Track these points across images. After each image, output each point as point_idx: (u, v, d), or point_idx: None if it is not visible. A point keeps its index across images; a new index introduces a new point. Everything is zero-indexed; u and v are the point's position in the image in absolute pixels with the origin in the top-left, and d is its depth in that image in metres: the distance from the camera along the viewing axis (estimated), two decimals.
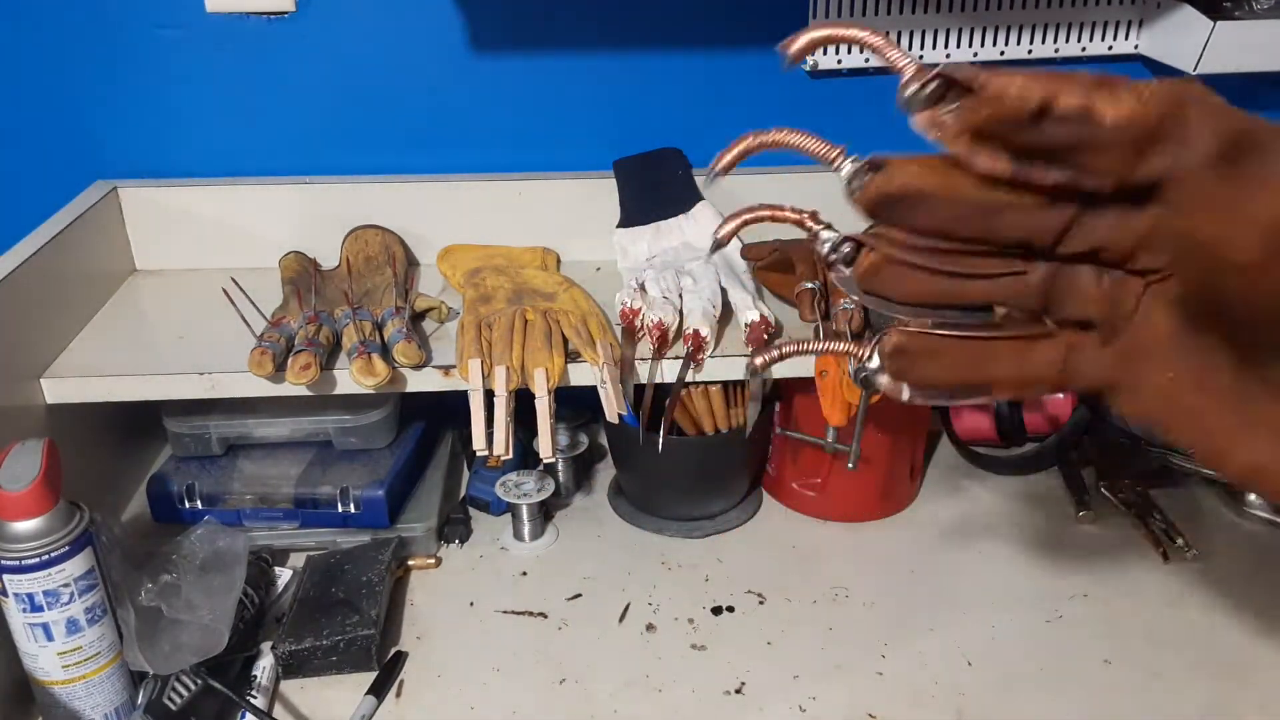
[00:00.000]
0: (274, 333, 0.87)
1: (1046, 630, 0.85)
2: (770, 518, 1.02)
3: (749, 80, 1.08)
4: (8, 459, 0.69)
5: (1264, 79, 1.08)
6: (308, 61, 1.04)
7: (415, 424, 1.02)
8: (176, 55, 1.03)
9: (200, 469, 0.95)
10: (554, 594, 0.91)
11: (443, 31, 1.04)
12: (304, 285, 0.97)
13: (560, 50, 1.06)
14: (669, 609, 0.89)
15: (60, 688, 0.72)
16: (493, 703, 0.79)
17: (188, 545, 0.82)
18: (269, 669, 0.80)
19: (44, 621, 0.70)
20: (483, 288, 0.96)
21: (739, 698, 0.79)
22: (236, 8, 1.01)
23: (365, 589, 0.86)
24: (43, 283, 0.88)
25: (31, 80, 1.03)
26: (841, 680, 0.81)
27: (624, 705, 0.79)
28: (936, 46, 1.07)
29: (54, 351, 0.88)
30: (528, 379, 0.84)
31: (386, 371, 0.83)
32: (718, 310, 0.89)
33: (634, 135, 1.08)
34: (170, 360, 0.87)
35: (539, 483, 0.98)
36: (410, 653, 0.84)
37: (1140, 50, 1.09)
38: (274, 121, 1.07)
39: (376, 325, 0.89)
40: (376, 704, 0.78)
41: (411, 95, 1.07)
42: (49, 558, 0.68)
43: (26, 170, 1.07)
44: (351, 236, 1.05)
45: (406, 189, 1.07)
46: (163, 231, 1.07)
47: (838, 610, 0.88)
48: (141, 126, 1.06)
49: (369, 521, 0.93)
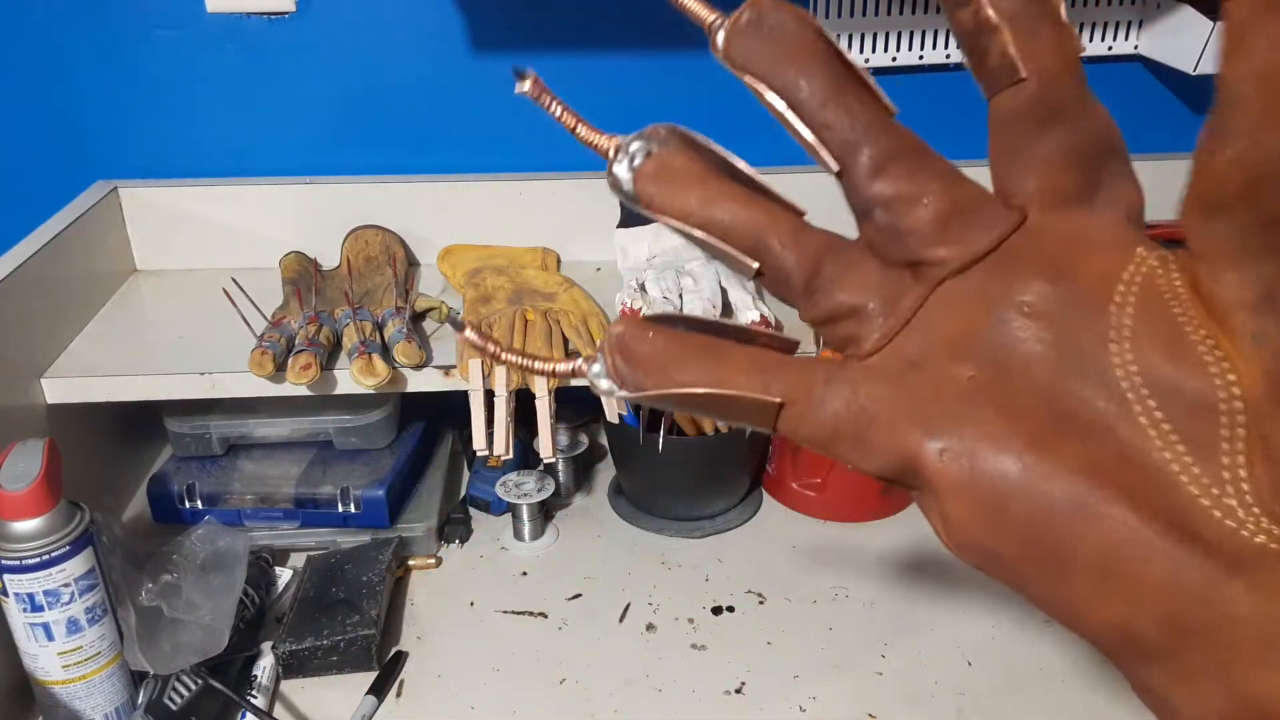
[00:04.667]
0: (274, 333, 0.87)
1: (1047, 630, 0.85)
2: (770, 518, 1.02)
3: None
4: (8, 459, 0.69)
5: None
6: (308, 61, 1.04)
7: (415, 424, 1.02)
8: (177, 55, 1.03)
9: (201, 469, 0.95)
10: (554, 594, 0.91)
11: (443, 31, 1.04)
12: (304, 285, 0.97)
13: (560, 50, 1.06)
14: (669, 609, 0.89)
15: (60, 688, 0.72)
16: (493, 703, 0.79)
17: (188, 545, 0.82)
18: (269, 669, 0.81)
19: (44, 621, 0.70)
20: (483, 288, 0.96)
21: (739, 698, 0.79)
22: (237, 8, 1.01)
23: (365, 589, 0.86)
24: (43, 283, 0.88)
25: (32, 80, 1.03)
26: (841, 680, 0.81)
27: (624, 705, 0.79)
28: (936, 47, 1.07)
29: (55, 352, 0.89)
30: (528, 379, 0.84)
31: (387, 371, 0.83)
32: (718, 310, 0.89)
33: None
34: (171, 360, 0.88)
35: (539, 483, 0.98)
36: (410, 653, 0.84)
37: (1140, 50, 1.09)
38: (274, 121, 1.07)
39: (377, 325, 0.90)
40: (377, 704, 0.78)
41: (411, 95, 1.07)
42: (49, 557, 0.68)
43: (26, 170, 1.07)
44: (352, 237, 1.05)
45: (406, 189, 1.07)
46: (163, 231, 1.07)
47: (838, 610, 0.88)
48: (142, 127, 1.06)
49: (369, 521, 0.93)
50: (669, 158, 0.24)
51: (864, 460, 0.22)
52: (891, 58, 1.07)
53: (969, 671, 0.81)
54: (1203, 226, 0.20)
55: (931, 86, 1.11)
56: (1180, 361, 0.20)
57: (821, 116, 0.23)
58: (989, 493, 0.20)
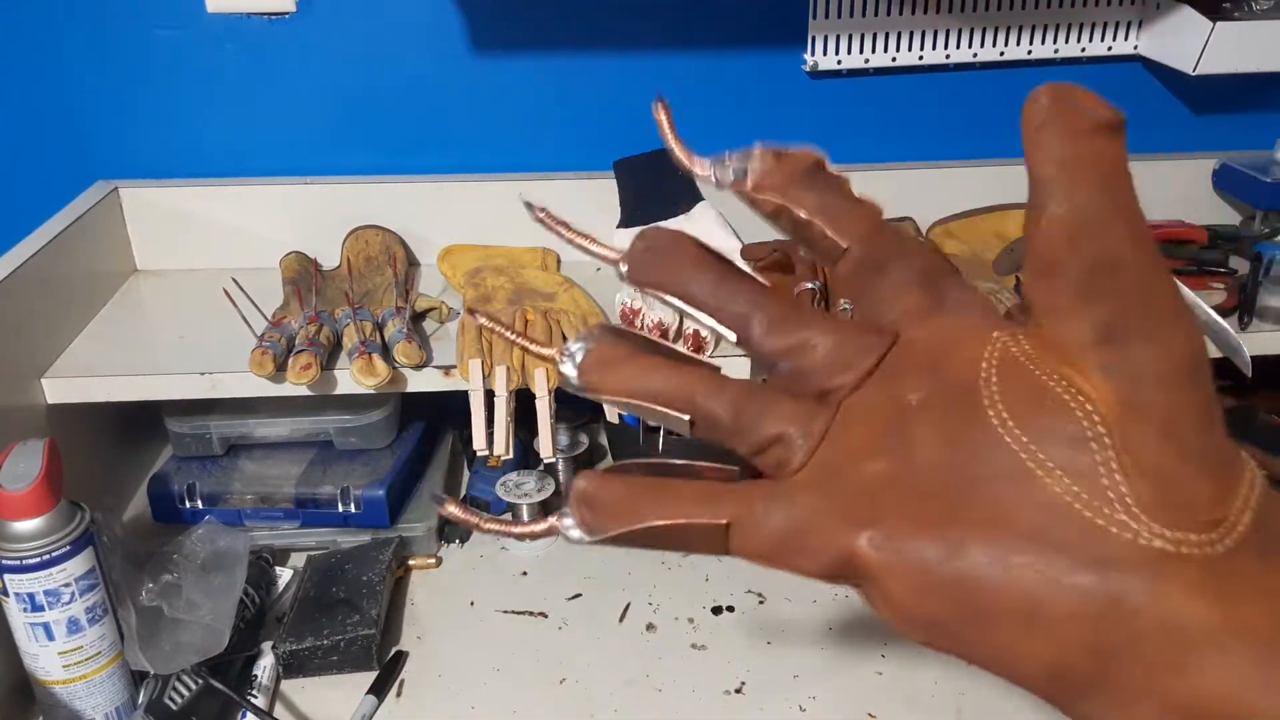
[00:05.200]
0: (275, 333, 0.87)
1: None
2: None
3: (749, 80, 1.08)
4: (9, 459, 0.69)
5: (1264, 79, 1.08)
6: (308, 62, 1.04)
7: (416, 424, 1.03)
8: (177, 55, 1.03)
9: (201, 469, 0.96)
10: (554, 594, 0.91)
11: (443, 31, 1.04)
12: (305, 285, 0.97)
13: (560, 50, 1.06)
14: (669, 609, 0.89)
15: (61, 687, 0.72)
16: (493, 703, 0.79)
17: (189, 545, 0.82)
18: (269, 668, 0.81)
19: (45, 621, 0.70)
20: (483, 288, 0.97)
21: (739, 698, 0.79)
22: (237, 8, 1.01)
23: (366, 589, 0.86)
24: (43, 283, 0.88)
25: (32, 80, 1.04)
26: (841, 680, 0.81)
27: (624, 705, 0.79)
28: (936, 47, 1.07)
29: (55, 352, 0.89)
30: (528, 379, 0.84)
31: (387, 371, 0.83)
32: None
33: (634, 135, 1.08)
34: (171, 360, 0.88)
35: (539, 483, 0.98)
36: (410, 652, 0.84)
37: (1140, 51, 1.09)
38: (275, 122, 1.07)
39: (377, 325, 0.90)
40: (377, 704, 0.79)
41: (412, 95, 1.07)
42: (50, 557, 0.68)
43: (27, 170, 1.07)
44: (352, 237, 1.05)
45: (406, 189, 1.07)
46: (163, 232, 1.07)
47: (838, 610, 0.88)
48: (142, 127, 1.06)
49: (369, 521, 0.93)
50: (601, 350, 0.28)
51: (809, 563, 0.25)
52: (891, 58, 1.07)
53: (969, 671, 0.81)
54: (1043, 285, 0.23)
55: (932, 86, 1.11)
56: (1045, 407, 0.23)
57: (714, 303, 0.27)
58: (917, 568, 0.23)
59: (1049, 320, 0.23)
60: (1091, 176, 0.23)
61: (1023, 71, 1.11)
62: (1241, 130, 1.15)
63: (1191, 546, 0.20)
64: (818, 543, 0.24)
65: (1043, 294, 0.23)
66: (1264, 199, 1.05)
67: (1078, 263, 0.23)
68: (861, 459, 0.24)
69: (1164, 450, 0.21)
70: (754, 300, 0.27)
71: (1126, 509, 0.21)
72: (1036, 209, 0.23)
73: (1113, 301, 0.22)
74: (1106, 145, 0.23)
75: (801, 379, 0.27)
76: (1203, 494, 0.21)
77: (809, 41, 1.06)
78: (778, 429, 0.26)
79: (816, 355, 0.26)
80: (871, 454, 0.24)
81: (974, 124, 1.13)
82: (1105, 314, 0.22)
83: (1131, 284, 0.22)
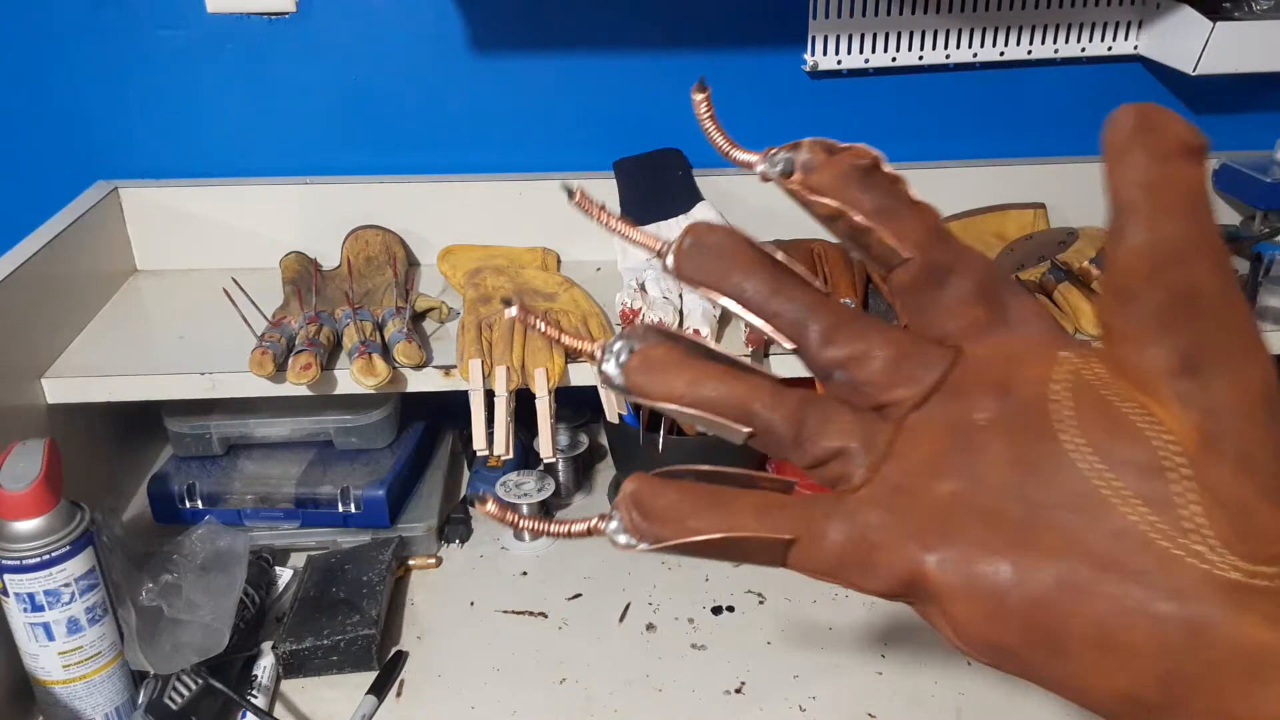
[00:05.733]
0: (275, 333, 0.87)
1: None
2: None
3: (749, 80, 1.08)
4: (9, 459, 0.69)
5: (1264, 79, 1.08)
6: (308, 62, 1.04)
7: (416, 424, 1.02)
8: (177, 55, 1.03)
9: (201, 469, 0.96)
10: (554, 594, 0.91)
11: (443, 32, 1.04)
12: (305, 285, 0.97)
13: (560, 50, 1.06)
14: (669, 609, 0.89)
15: (61, 687, 0.72)
16: (493, 703, 0.79)
17: (188, 545, 0.82)
18: (269, 668, 0.81)
19: (45, 621, 0.70)
20: (483, 288, 0.97)
21: (739, 698, 0.79)
22: (237, 8, 1.01)
23: (365, 589, 0.86)
24: (43, 283, 0.88)
25: (32, 80, 1.04)
26: (841, 680, 0.81)
27: (624, 705, 0.79)
28: (936, 47, 1.07)
29: (55, 352, 0.89)
30: (528, 379, 0.84)
31: (387, 371, 0.83)
32: (717, 310, 0.89)
33: (634, 135, 1.08)
34: (171, 360, 0.88)
35: (539, 483, 0.98)
36: (410, 652, 0.84)
37: (1140, 51, 1.09)
38: (274, 122, 1.07)
39: (377, 325, 0.90)
40: (377, 704, 0.79)
41: (412, 95, 1.07)
42: (50, 557, 0.68)
43: (26, 170, 1.07)
44: (352, 237, 1.05)
45: (406, 189, 1.07)
46: (163, 231, 1.07)
47: (838, 610, 0.88)
48: (142, 127, 1.06)
49: (369, 521, 0.93)
50: (650, 351, 0.27)
51: (870, 581, 0.24)
52: (891, 58, 1.07)
53: (969, 671, 0.81)
54: (1121, 312, 0.23)
55: (932, 86, 1.11)
56: (1120, 434, 0.22)
57: (769, 307, 0.26)
58: (987, 593, 0.22)
59: (1125, 346, 0.23)
60: (1176, 202, 0.22)
61: (1023, 71, 1.11)
62: (1241, 130, 1.15)
63: (1264, 579, 0.21)
64: (883, 561, 0.24)
65: (1120, 319, 0.23)
66: (1264, 199, 1.05)
67: (1159, 291, 0.22)
68: (928, 478, 0.24)
69: (1241, 482, 0.21)
70: (811, 306, 0.26)
71: (1205, 540, 0.21)
72: (1118, 232, 0.23)
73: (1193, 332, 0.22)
74: (1190, 170, 0.22)
75: (859, 391, 0.26)
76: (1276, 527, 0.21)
77: (809, 41, 1.06)
78: (839, 443, 0.25)
79: (874, 367, 0.26)
80: (939, 473, 0.24)
81: (974, 124, 1.13)
82: (1185, 344, 0.22)
83: (1212, 314, 0.22)
